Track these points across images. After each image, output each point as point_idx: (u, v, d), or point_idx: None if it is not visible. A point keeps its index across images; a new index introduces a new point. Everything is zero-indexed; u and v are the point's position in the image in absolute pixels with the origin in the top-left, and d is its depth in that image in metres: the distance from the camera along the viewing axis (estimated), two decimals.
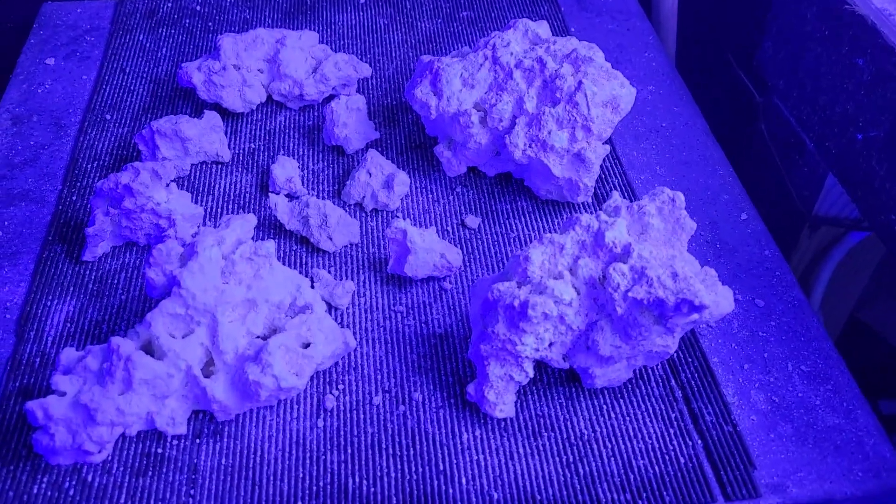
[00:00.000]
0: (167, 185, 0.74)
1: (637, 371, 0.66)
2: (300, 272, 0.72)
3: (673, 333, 0.58)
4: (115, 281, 0.72)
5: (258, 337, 0.63)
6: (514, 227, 0.78)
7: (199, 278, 0.60)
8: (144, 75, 0.95)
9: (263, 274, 0.63)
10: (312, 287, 0.70)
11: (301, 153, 0.85)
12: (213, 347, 0.60)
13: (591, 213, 0.72)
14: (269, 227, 0.77)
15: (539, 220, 0.79)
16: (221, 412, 0.60)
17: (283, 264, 0.70)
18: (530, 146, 0.74)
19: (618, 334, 0.58)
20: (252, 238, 0.68)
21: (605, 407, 0.63)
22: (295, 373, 0.61)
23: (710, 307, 0.55)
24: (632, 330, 0.57)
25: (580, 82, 0.73)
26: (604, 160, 0.85)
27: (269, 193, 0.77)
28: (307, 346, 0.62)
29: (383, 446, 0.60)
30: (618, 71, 0.76)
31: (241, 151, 0.85)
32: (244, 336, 0.61)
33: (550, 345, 0.59)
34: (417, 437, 0.61)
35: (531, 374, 0.61)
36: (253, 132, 0.88)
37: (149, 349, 0.60)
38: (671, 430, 0.62)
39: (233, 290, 0.61)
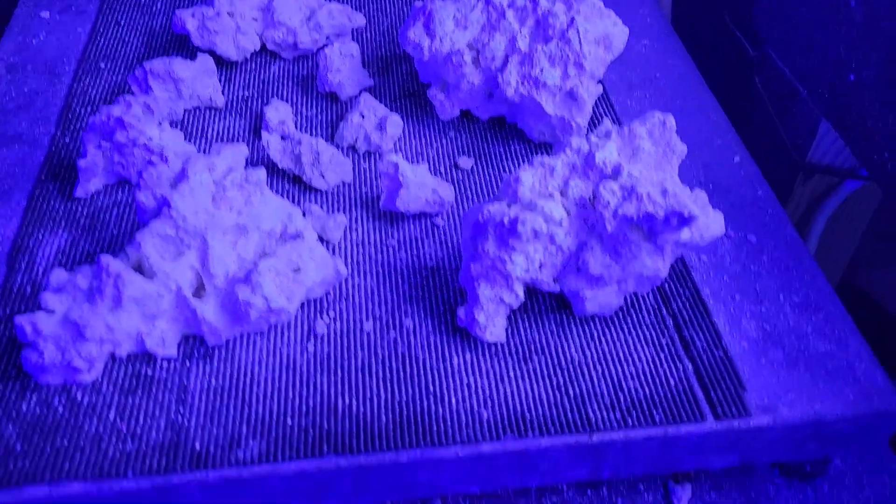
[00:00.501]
0: (160, 124, 0.74)
1: (628, 300, 0.66)
2: None
3: (663, 254, 0.58)
4: (108, 217, 0.72)
5: (249, 263, 0.62)
6: (508, 169, 0.78)
7: (190, 201, 0.60)
8: (139, 28, 0.95)
9: (254, 201, 0.63)
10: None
11: (295, 100, 0.85)
12: (204, 270, 0.60)
13: None
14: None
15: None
16: (212, 335, 0.60)
17: None
18: (522, 84, 0.74)
19: (608, 253, 0.58)
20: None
21: (595, 333, 0.63)
22: (286, 296, 0.61)
23: (700, 220, 0.55)
24: (622, 248, 0.57)
25: (572, 19, 0.73)
26: (597, 107, 0.85)
27: (262, 132, 0.77)
28: (298, 272, 0.62)
29: (373, 370, 0.60)
30: (610, 10, 0.76)
31: (234, 98, 0.85)
32: (235, 261, 0.61)
33: (541, 266, 0.59)
34: (408, 362, 0.61)
35: (522, 298, 0.61)
36: (247, 81, 0.88)
37: (139, 271, 0.60)
38: (662, 355, 0.62)
39: (223, 215, 0.61)
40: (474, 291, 0.60)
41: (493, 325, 0.60)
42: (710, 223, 0.59)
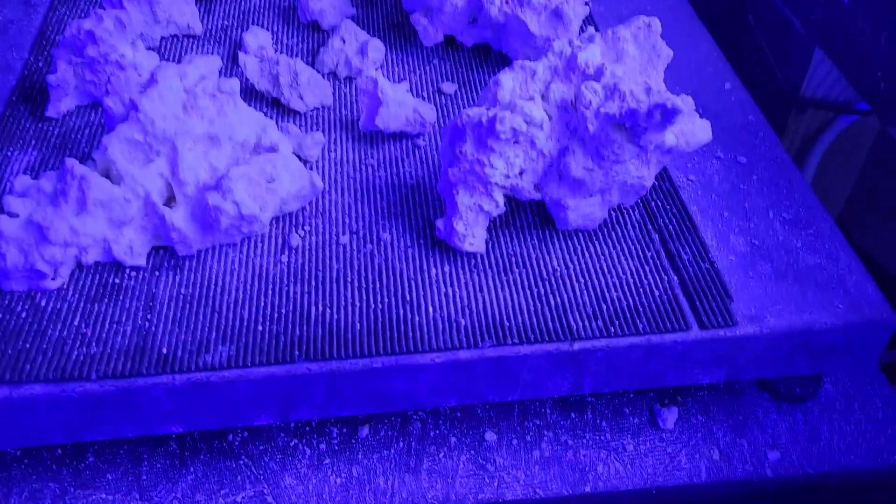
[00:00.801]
0: (133, 43, 0.72)
1: (612, 216, 0.64)
2: None
3: (647, 157, 0.56)
4: (80, 137, 0.70)
5: (221, 173, 0.61)
6: None
7: (159, 105, 0.58)
8: None
9: (227, 111, 0.61)
10: None
11: (276, 30, 0.83)
12: (174, 178, 0.58)
13: None
14: (240, 93, 0.75)
15: None
16: (182, 244, 0.58)
17: None
18: (507, 2, 0.72)
19: (590, 156, 0.56)
20: None
21: (579, 247, 0.61)
22: (258, 205, 0.59)
23: (685, 116, 0.53)
24: (604, 149, 0.55)
25: None
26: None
27: (239, 52, 0.75)
28: (272, 182, 0.61)
29: (349, 280, 0.58)
30: None
31: (213, 27, 0.83)
32: (206, 170, 0.59)
33: (521, 172, 0.57)
34: (384, 273, 0.59)
35: (502, 207, 0.59)
36: (227, 11, 0.86)
37: (107, 178, 0.58)
38: (646, 268, 0.60)
39: (194, 122, 0.59)
40: (453, 199, 0.58)
41: (472, 235, 0.59)
42: (696, 129, 0.57)
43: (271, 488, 0.59)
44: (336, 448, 0.62)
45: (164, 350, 0.53)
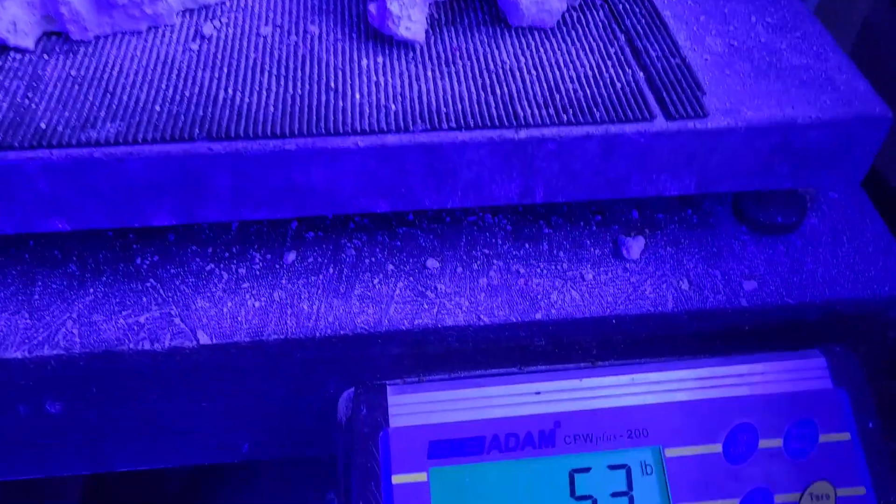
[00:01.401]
0: None
1: (573, 16, 0.56)
2: None
3: None
4: None
5: None
6: None
7: None
8: None
9: None
10: None
11: None
12: None
13: None
14: None
15: None
16: (74, 24, 0.51)
17: None
18: None
19: None
20: None
21: (533, 43, 0.54)
22: None
23: None
24: None
25: None
26: None
27: None
28: None
29: (266, 68, 0.51)
30: None
31: None
32: None
33: None
34: (308, 62, 0.52)
35: None
36: None
37: None
38: (608, 62, 0.52)
39: None
40: None
41: (408, 18, 0.51)
42: None
43: (180, 310, 0.52)
44: (257, 273, 0.55)
45: (43, 125, 0.46)
